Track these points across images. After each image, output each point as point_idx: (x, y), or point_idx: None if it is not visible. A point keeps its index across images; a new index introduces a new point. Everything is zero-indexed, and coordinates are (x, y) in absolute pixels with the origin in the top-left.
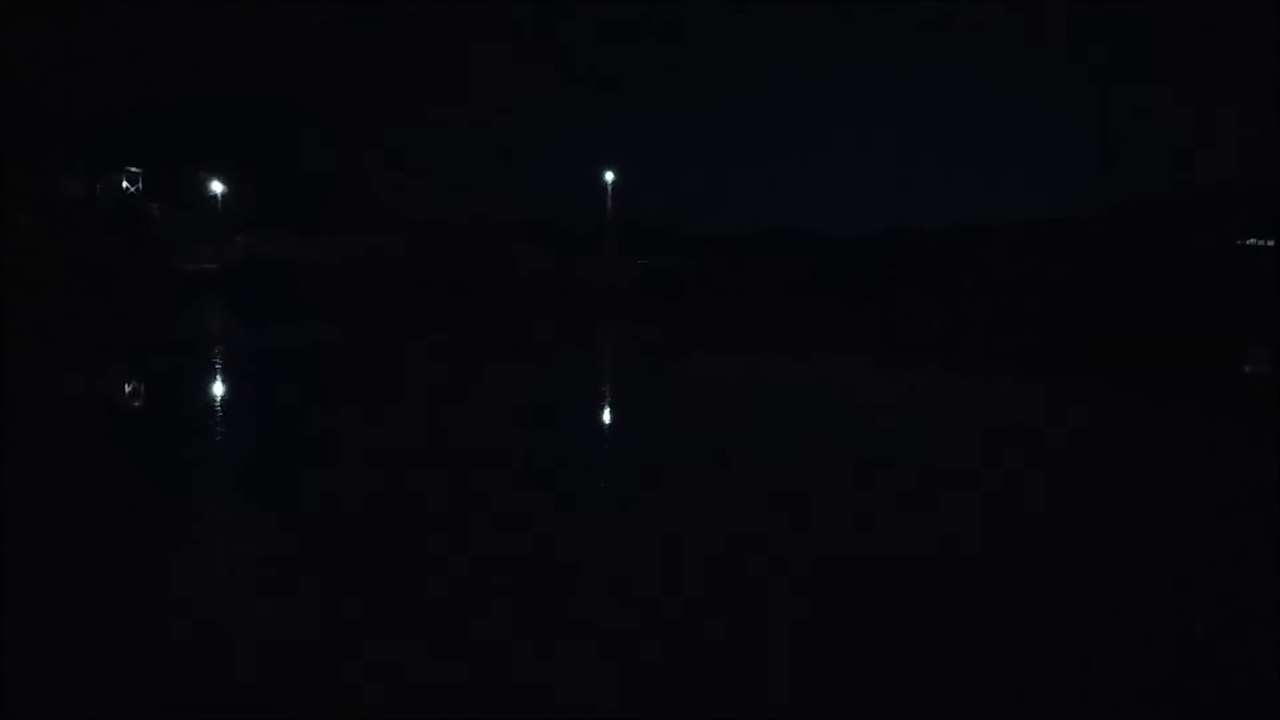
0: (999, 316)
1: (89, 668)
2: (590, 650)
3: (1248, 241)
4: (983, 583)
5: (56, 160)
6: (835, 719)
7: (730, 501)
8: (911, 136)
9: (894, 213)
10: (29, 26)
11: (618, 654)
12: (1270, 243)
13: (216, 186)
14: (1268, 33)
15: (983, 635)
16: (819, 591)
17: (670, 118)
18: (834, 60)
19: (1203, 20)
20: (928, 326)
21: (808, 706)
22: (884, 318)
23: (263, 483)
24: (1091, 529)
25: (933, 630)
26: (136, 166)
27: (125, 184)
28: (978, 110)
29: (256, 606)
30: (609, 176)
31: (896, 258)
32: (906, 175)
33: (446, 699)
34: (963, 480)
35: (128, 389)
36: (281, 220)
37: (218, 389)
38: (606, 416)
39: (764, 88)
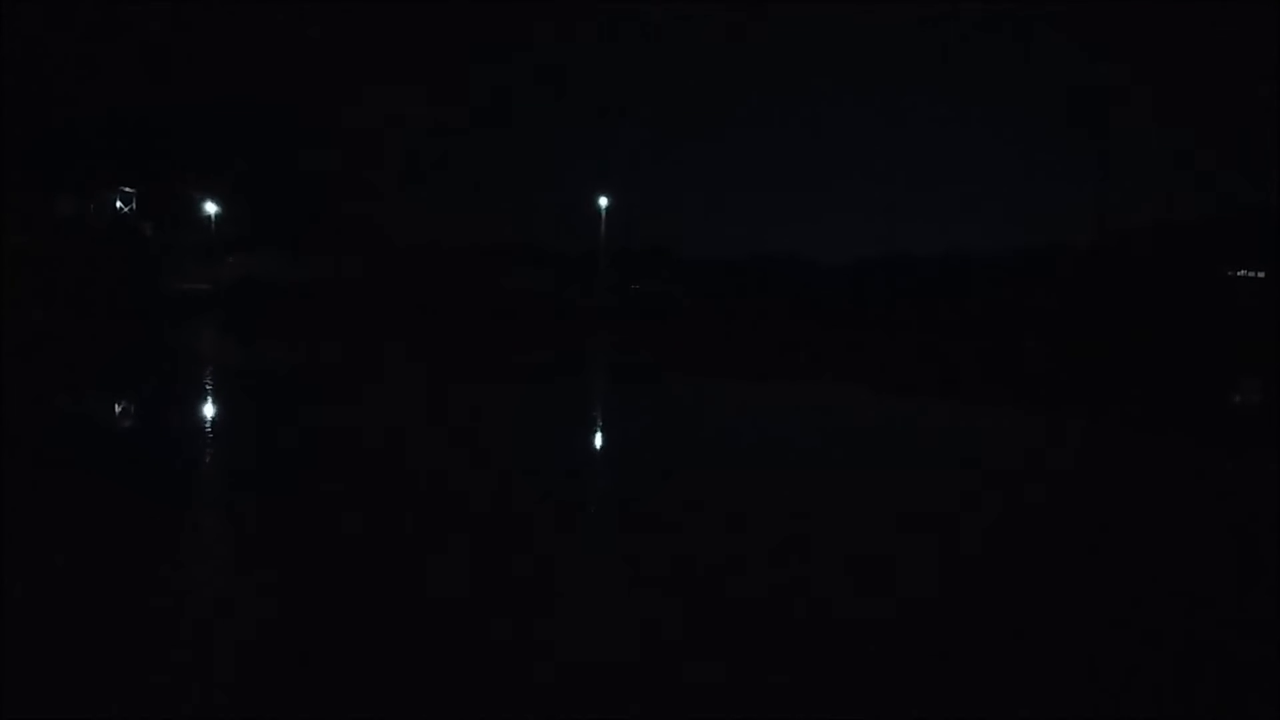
0: (993, 344)
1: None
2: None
3: (1237, 273)
4: (982, 608)
5: (50, 178)
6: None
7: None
8: (908, 164)
9: (889, 240)
10: (22, 42)
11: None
12: (1259, 274)
13: (210, 206)
14: (1258, 61)
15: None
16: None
17: (666, 143)
18: (831, 87)
19: (1196, 49)
20: (921, 354)
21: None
22: (877, 344)
23: (243, 506)
24: (1089, 556)
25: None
26: (130, 185)
27: (119, 203)
28: (973, 139)
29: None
30: (603, 201)
31: (890, 284)
32: (902, 202)
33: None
34: (958, 506)
35: (116, 406)
36: (274, 241)
37: (200, 411)
38: (581, 440)
39: (761, 114)
